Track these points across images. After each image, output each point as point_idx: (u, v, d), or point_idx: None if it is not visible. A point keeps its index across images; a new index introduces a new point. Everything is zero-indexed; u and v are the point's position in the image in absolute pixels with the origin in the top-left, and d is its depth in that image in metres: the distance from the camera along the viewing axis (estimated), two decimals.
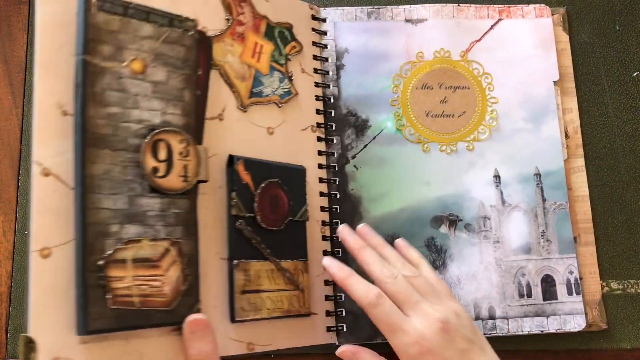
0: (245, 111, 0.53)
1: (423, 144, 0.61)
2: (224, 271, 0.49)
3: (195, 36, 0.48)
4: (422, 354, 0.48)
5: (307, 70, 0.58)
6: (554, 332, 0.59)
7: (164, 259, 0.45)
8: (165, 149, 0.45)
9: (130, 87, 0.45)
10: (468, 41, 0.64)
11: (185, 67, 0.47)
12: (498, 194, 0.62)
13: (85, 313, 0.40)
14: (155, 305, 0.44)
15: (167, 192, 0.45)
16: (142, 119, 0.45)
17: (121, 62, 0.44)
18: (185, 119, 0.47)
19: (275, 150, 0.54)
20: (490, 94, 0.63)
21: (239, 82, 0.53)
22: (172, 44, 0.47)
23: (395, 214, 0.59)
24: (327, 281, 0.56)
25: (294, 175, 0.54)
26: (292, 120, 0.56)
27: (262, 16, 0.56)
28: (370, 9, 0.63)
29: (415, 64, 0.63)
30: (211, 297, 0.48)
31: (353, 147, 0.60)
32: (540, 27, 0.65)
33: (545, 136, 0.63)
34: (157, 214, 0.45)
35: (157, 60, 0.46)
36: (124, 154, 0.44)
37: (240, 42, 0.54)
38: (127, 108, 0.44)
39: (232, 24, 0.53)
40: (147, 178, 0.44)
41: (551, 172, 0.62)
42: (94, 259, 0.41)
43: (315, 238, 0.56)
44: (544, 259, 0.61)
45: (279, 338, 0.51)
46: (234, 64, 0.53)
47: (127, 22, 0.45)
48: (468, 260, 0.60)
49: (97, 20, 0.43)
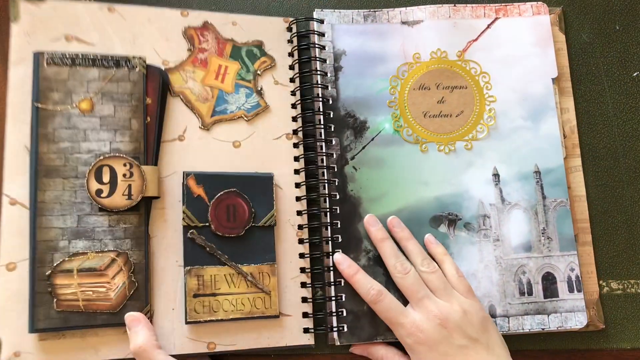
0: (208, 129, 0.58)
1: (421, 144, 0.62)
2: (182, 277, 0.55)
3: (143, 71, 0.56)
4: (418, 344, 0.52)
5: (281, 81, 0.62)
6: (555, 330, 0.59)
7: (110, 268, 0.53)
8: (108, 172, 0.53)
9: (79, 123, 0.54)
10: (465, 41, 0.64)
11: (132, 99, 0.55)
12: (497, 193, 0.62)
13: (33, 315, 0.50)
14: (101, 308, 0.52)
15: (113, 209, 0.53)
16: (91, 149, 0.54)
17: (70, 104, 0.54)
18: (134, 144, 0.54)
19: (242, 162, 0.58)
20: (488, 93, 0.63)
21: (199, 104, 0.59)
22: (118, 82, 0.55)
23: (395, 214, 0.60)
24: (305, 284, 0.58)
25: (258, 183, 0.57)
26: (262, 131, 0.60)
27: (227, 40, 0.61)
28: (366, 12, 0.64)
29: (412, 65, 0.63)
30: (169, 301, 0.55)
31: (352, 149, 0.61)
32: (537, 24, 0.65)
33: (544, 134, 0.63)
34: (105, 229, 0.53)
35: (104, 97, 0.54)
36: (74, 181, 0.53)
37: (202, 67, 0.59)
38: (77, 142, 0.53)
39: (193, 52, 0.59)
40: (92, 199, 0.52)
41: (551, 170, 0.62)
42: (43, 270, 0.51)
43: (289, 242, 0.58)
44: (545, 257, 0.60)
45: (244, 339, 0.55)
46: (194, 89, 0.59)
47: (75, 70, 0.54)
48: (468, 259, 0.60)
49: (48, 73, 0.54)
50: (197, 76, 0.59)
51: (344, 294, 0.57)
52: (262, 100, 0.60)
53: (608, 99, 0.65)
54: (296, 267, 0.58)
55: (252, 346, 0.55)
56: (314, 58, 0.62)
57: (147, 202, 0.55)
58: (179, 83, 0.59)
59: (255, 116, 0.60)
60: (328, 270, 0.58)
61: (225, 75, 0.60)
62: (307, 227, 0.59)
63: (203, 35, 0.60)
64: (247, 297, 0.55)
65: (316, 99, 0.61)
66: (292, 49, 0.62)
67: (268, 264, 0.56)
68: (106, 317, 0.52)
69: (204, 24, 0.60)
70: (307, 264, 0.58)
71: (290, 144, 0.60)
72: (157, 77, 0.57)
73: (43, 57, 0.54)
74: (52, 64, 0.54)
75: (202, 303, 0.54)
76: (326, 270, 0.58)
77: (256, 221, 0.57)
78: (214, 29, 0.61)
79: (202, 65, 0.60)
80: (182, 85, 0.59)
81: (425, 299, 0.54)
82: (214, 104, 0.59)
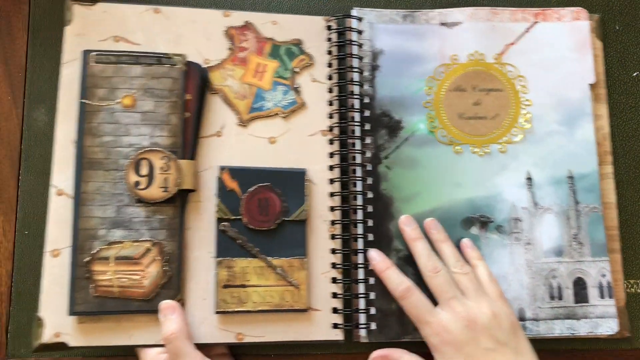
0: (245, 126, 0.60)
1: (455, 146, 0.62)
2: (207, 268, 0.57)
3: (183, 69, 0.58)
4: (443, 344, 0.52)
5: (318, 78, 0.63)
6: (585, 336, 0.59)
7: (145, 257, 0.55)
8: (147, 165, 0.55)
9: (122, 119, 0.56)
10: (502, 44, 0.64)
11: (172, 96, 0.57)
12: (530, 196, 0.62)
13: (72, 299, 0.53)
14: (134, 295, 0.54)
15: (149, 201, 0.55)
16: (132, 143, 0.56)
17: (114, 100, 0.56)
18: (172, 139, 0.56)
19: (277, 158, 0.60)
20: (524, 97, 0.63)
21: (238, 102, 0.60)
22: (159, 78, 0.57)
23: (427, 214, 0.60)
24: (335, 279, 0.58)
25: (291, 178, 0.58)
26: (298, 128, 0.61)
27: (266, 39, 0.62)
28: (405, 12, 0.64)
29: (450, 66, 0.64)
30: (201, 291, 0.57)
31: (386, 148, 0.61)
32: (576, 30, 0.65)
33: (579, 139, 0.62)
34: (141, 220, 0.55)
35: (145, 94, 0.57)
36: (115, 173, 0.55)
37: (242, 66, 0.61)
38: (119, 136, 0.56)
39: (233, 51, 0.61)
40: (130, 190, 0.54)
41: (585, 175, 0.62)
42: (83, 257, 0.54)
43: (320, 237, 0.59)
44: (576, 262, 0.60)
45: (272, 331, 0.56)
46: (233, 86, 0.61)
47: (119, 68, 0.57)
48: (499, 261, 0.60)
49: (94, 70, 0.56)
50: (237, 74, 0.61)
51: (373, 292, 0.58)
52: (298, 98, 0.62)
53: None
54: (327, 263, 0.58)
55: (280, 339, 0.57)
56: (351, 55, 0.62)
57: (183, 195, 0.57)
58: (218, 81, 0.60)
59: (291, 113, 0.61)
60: (356, 268, 0.58)
61: (264, 73, 0.62)
62: (340, 223, 0.59)
63: (243, 34, 0.62)
64: (275, 290, 0.55)
65: (352, 97, 0.61)
66: (330, 47, 0.62)
67: (298, 258, 0.56)
68: (140, 304, 0.54)
69: (245, 24, 0.62)
70: (339, 260, 0.58)
71: (325, 141, 0.61)
72: (197, 74, 0.59)
73: (90, 56, 0.57)
74: (98, 62, 0.57)
75: (231, 294, 0.55)
76: (354, 268, 0.59)
77: (287, 215, 0.58)
78: (254, 28, 0.62)
79: (241, 64, 0.61)
80: (221, 83, 0.60)
81: (453, 299, 0.54)
82: (252, 101, 0.61)
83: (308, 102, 0.62)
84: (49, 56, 0.63)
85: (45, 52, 0.63)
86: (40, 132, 0.61)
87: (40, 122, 0.62)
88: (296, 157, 0.60)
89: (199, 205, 0.58)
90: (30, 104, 0.62)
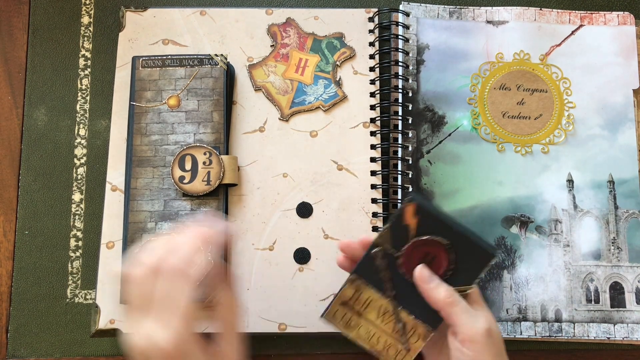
0: (287, 120, 0.63)
1: (498, 144, 0.62)
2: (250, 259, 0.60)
3: (224, 68, 0.61)
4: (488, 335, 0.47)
5: (360, 70, 0.64)
6: (620, 341, 0.59)
7: None
8: (190, 161, 0.59)
9: (168, 118, 0.60)
10: (548, 45, 0.65)
11: (214, 94, 0.61)
12: (570, 199, 0.62)
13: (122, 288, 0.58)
14: None
15: (193, 194, 0.59)
16: (177, 140, 0.60)
17: (161, 101, 0.60)
18: (215, 135, 0.60)
19: (317, 150, 0.62)
20: (568, 99, 0.64)
21: (280, 97, 0.63)
22: (202, 78, 0.61)
23: (467, 211, 0.61)
24: None
25: (473, 249, 0.49)
26: (339, 120, 0.63)
27: (308, 34, 0.65)
28: (452, 9, 0.65)
29: (495, 64, 0.64)
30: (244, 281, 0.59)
31: (428, 142, 0.62)
32: (622, 34, 0.65)
33: (620, 144, 0.63)
34: (187, 212, 0.59)
35: (189, 94, 0.61)
36: (162, 169, 0.60)
37: (284, 62, 0.64)
38: (166, 134, 0.60)
39: (275, 48, 0.64)
40: (175, 185, 0.58)
41: (625, 181, 0.62)
42: (133, 249, 0.58)
43: None
44: (614, 266, 0.61)
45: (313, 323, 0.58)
46: (275, 82, 0.64)
47: (165, 70, 0.61)
48: (537, 262, 0.60)
49: (142, 74, 0.61)
50: (279, 70, 0.64)
51: None
52: (340, 90, 0.64)
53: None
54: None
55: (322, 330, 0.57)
56: (396, 49, 0.62)
57: (225, 189, 0.61)
58: (261, 77, 0.64)
59: (332, 106, 0.63)
60: None
61: (305, 68, 0.64)
62: (382, 216, 0.59)
63: (285, 31, 0.65)
64: (384, 338, 0.50)
65: (395, 91, 0.61)
66: (373, 40, 0.62)
67: (425, 326, 0.50)
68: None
69: (287, 21, 0.65)
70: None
71: (366, 133, 0.63)
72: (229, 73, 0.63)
73: (139, 61, 0.62)
74: (145, 67, 0.61)
75: (344, 312, 0.50)
76: None
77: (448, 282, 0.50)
78: (295, 24, 0.65)
79: (283, 60, 0.64)
80: (264, 79, 0.64)
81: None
82: (293, 96, 0.63)
83: (349, 94, 0.64)
84: (49, 56, 0.65)
85: (45, 52, 0.66)
86: (40, 132, 0.64)
87: (40, 122, 0.64)
88: (337, 150, 0.63)
89: (241, 198, 0.61)
90: (30, 104, 0.64)
